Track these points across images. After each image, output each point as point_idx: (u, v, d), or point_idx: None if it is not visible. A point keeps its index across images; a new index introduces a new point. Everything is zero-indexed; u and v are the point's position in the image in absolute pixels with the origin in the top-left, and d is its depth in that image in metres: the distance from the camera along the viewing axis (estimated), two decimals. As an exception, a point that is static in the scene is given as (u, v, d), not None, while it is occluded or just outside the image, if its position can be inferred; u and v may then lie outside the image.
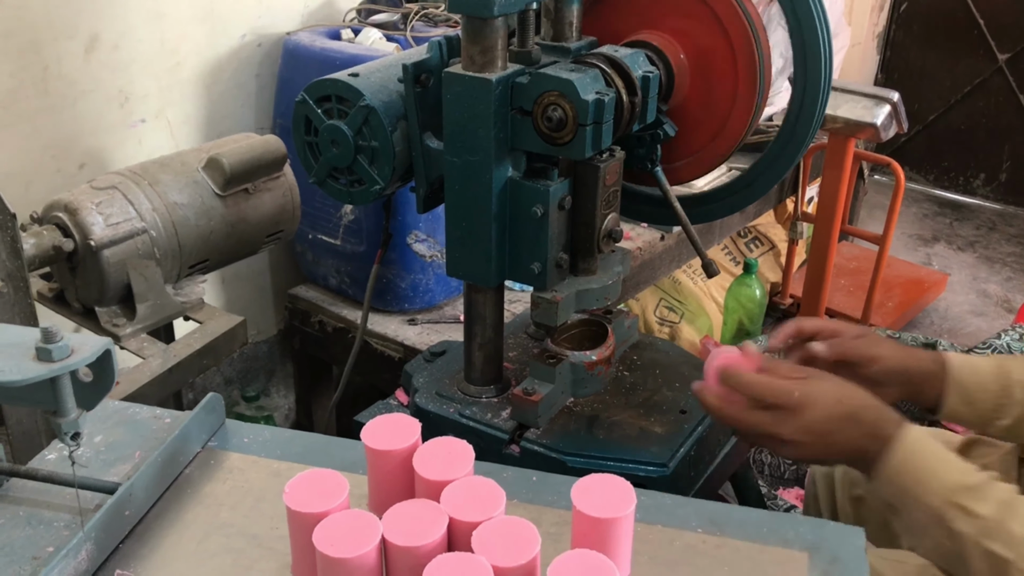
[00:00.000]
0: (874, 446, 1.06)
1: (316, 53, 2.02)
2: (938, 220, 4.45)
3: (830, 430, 1.07)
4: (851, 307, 3.21)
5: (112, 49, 1.89)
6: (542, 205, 1.23)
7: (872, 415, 1.08)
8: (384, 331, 2.10)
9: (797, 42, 1.31)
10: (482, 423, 1.36)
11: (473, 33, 1.18)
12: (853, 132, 2.76)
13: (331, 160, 1.31)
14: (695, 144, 1.40)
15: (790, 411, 1.07)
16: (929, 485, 1.03)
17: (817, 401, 1.07)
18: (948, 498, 1.02)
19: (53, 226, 1.48)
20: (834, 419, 1.07)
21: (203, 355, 1.51)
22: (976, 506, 1.01)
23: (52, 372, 0.63)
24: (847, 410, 1.07)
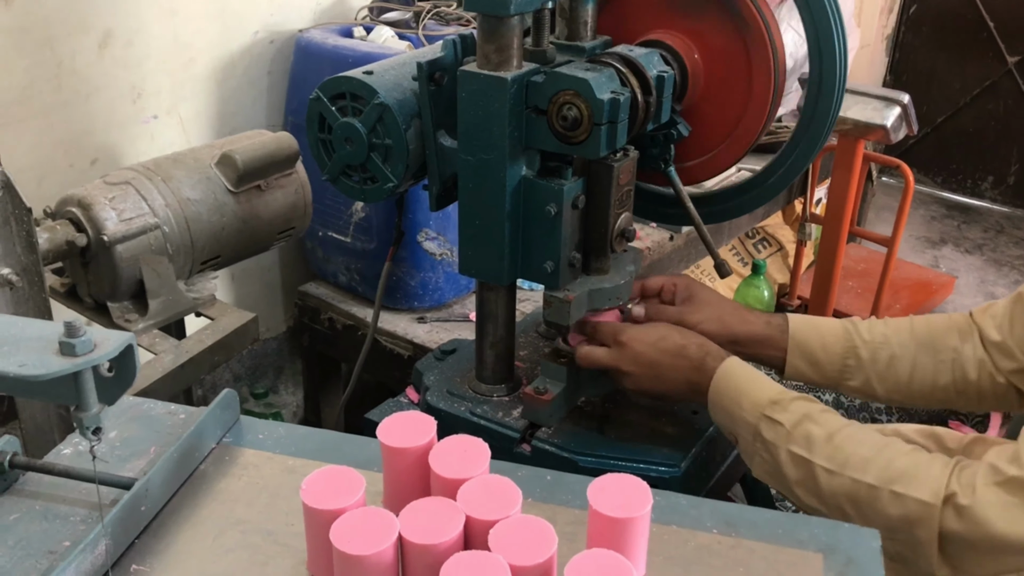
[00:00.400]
0: (703, 378, 1.24)
1: (328, 51, 2.02)
2: (946, 222, 4.44)
3: (657, 361, 1.27)
4: (859, 309, 3.20)
5: (125, 45, 1.90)
6: (555, 204, 1.23)
7: (697, 351, 1.26)
8: (393, 329, 2.10)
9: (812, 42, 1.31)
10: (493, 422, 1.36)
11: (489, 32, 1.18)
12: (863, 134, 2.76)
13: (344, 157, 1.31)
14: (708, 144, 1.40)
15: (621, 345, 1.28)
16: (743, 402, 1.20)
17: (641, 337, 1.28)
18: (758, 412, 1.19)
19: (66, 221, 1.48)
20: (660, 352, 1.27)
21: (215, 351, 1.51)
22: (779, 415, 1.17)
23: (75, 367, 0.63)
24: (671, 346, 1.27)
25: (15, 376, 0.62)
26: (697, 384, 1.26)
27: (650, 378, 1.28)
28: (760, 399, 1.20)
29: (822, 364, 1.36)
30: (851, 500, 1.12)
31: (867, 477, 1.11)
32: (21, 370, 0.62)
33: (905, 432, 1.52)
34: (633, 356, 1.28)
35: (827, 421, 1.17)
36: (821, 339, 1.36)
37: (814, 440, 1.15)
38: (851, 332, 1.36)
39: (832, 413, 1.19)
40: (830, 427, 1.16)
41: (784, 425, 1.17)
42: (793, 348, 1.36)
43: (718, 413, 1.25)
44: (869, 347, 1.35)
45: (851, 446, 1.14)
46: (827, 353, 1.36)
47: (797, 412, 1.17)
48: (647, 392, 1.31)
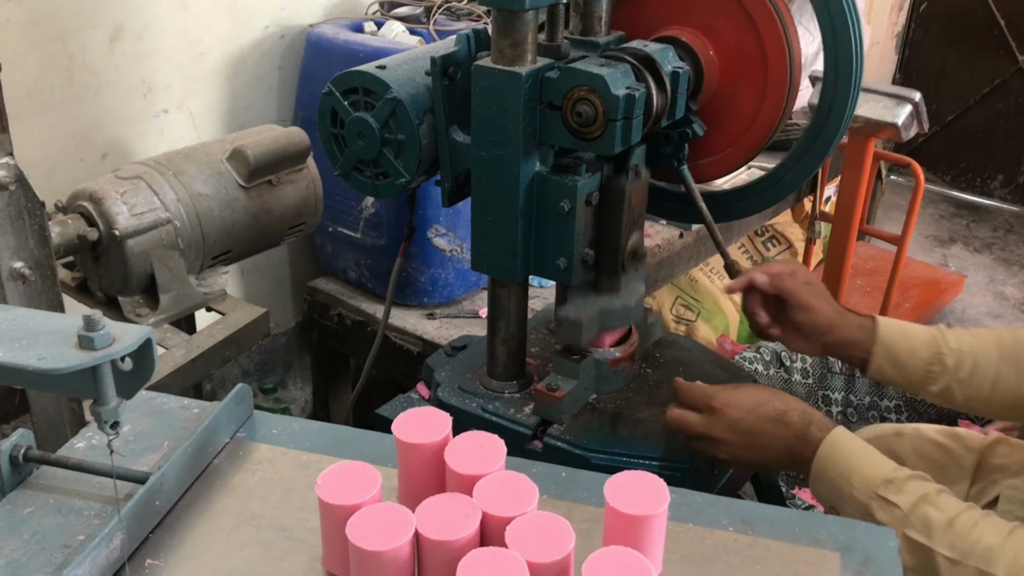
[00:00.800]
0: (804, 448, 1.17)
1: (339, 45, 2.01)
2: (955, 221, 4.43)
3: (755, 430, 1.19)
4: (868, 307, 3.19)
5: (136, 39, 1.89)
6: (569, 200, 1.23)
7: (798, 418, 1.19)
8: (403, 325, 2.10)
9: (828, 39, 1.30)
10: (505, 418, 1.35)
11: (504, 26, 1.17)
12: (874, 132, 2.75)
13: (357, 152, 1.31)
14: (722, 142, 1.39)
15: (715, 411, 1.20)
16: (853, 480, 1.13)
17: (738, 402, 1.20)
18: (871, 491, 1.11)
19: (78, 215, 1.48)
20: (758, 419, 1.19)
21: (225, 346, 1.51)
22: (895, 497, 1.10)
23: (95, 360, 0.63)
24: (771, 412, 1.19)
25: (34, 370, 0.62)
26: (800, 454, 1.18)
27: (746, 447, 1.20)
28: (873, 477, 1.13)
29: (907, 368, 1.35)
30: None
31: (995, 569, 1.04)
32: (40, 364, 0.62)
33: (925, 431, 1.52)
34: (729, 423, 1.20)
35: (946, 504, 1.10)
36: (908, 343, 1.34)
37: (933, 525, 1.08)
38: (938, 339, 1.35)
39: (948, 494, 1.12)
40: (950, 511, 1.09)
41: (900, 508, 1.10)
42: (880, 350, 1.34)
43: (821, 486, 1.18)
44: (955, 355, 1.34)
45: (975, 533, 1.07)
46: (913, 358, 1.34)
47: (914, 494, 1.10)
48: (743, 462, 1.23)
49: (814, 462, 1.16)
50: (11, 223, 1.19)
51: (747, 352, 2.41)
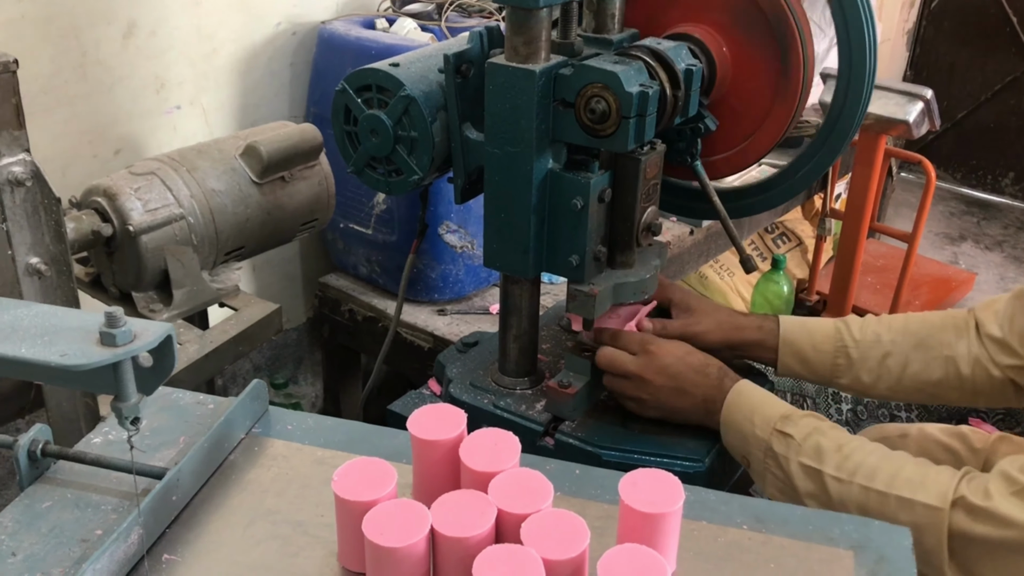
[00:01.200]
0: (717, 396, 1.28)
1: (351, 42, 2.02)
2: (965, 219, 4.41)
3: (682, 376, 1.29)
4: (878, 304, 3.19)
5: (149, 35, 1.90)
6: (582, 197, 1.23)
7: (717, 371, 1.30)
8: (414, 321, 2.11)
9: (842, 35, 1.30)
10: (516, 415, 1.36)
11: (518, 24, 1.18)
12: (885, 129, 2.74)
13: (370, 150, 1.31)
14: (735, 138, 1.40)
15: (651, 354, 1.30)
16: (755, 420, 1.23)
17: (671, 349, 1.31)
18: (770, 427, 1.22)
19: (92, 211, 1.49)
20: (685, 366, 1.29)
21: (238, 342, 1.52)
22: (791, 429, 1.20)
23: (116, 357, 0.63)
24: (696, 362, 1.30)
25: (57, 366, 0.62)
26: (712, 402, 1.28)
27: (670, 390, 1.29)
28: (771, 415, 1.23)
29: (812, 363, 1.41)
30: (860, 508, 1.13)
31: (875, 484, 1.13)
32: (63, 360, 0.62)
33: (931, 432, 1.51)
34: (661, 366, 1.29)
35: (836, 434, 1.20)
36: (811, 339, 1.41)
37: (824, 451, 1.17)
38: (842, 332, 1.41)
39: (840, 429, 1.21)
40: (839, 439, 1.19)
41: (795, 438, 1.20)
42: (784, 348, 1.41)
43: (730, 433, 1.27)
44: (860, 346, 1.39)
45: (860, 455, 1.16)
46: (817, 352, 1.40)
47: (807, 426, 1.20)
48: (662, 405, 1.31)
49: (723, 410, 1.27)
50: (27, 219, 1.20)
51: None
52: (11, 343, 0.63)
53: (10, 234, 1.18)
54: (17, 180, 1.16)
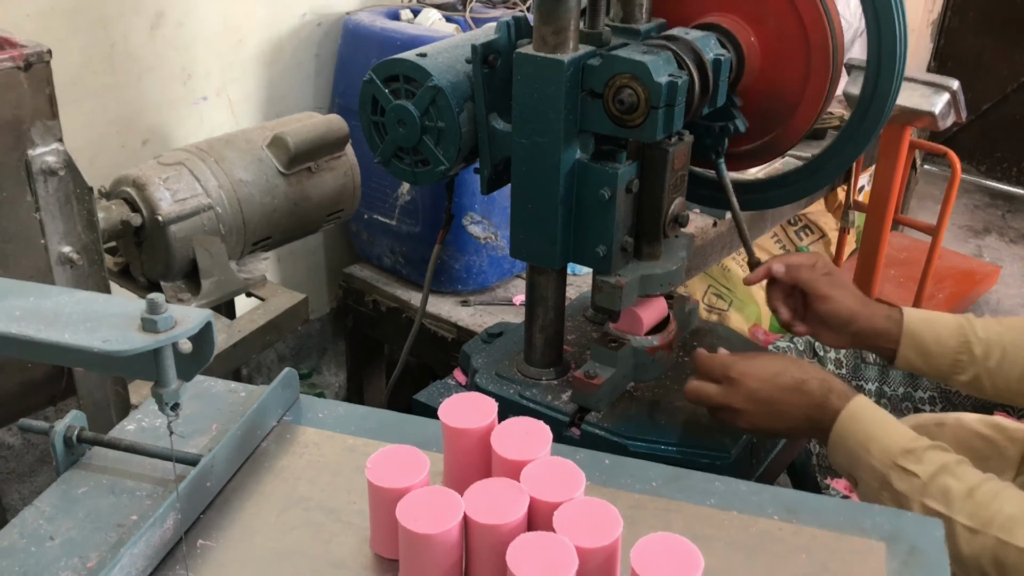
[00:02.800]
0: (824, 416, 1.17)
1: (376, 33, 2.02)
2: (990, 211, 4.37)
3: (774, 399, 1.19)
4: (901, 298, 3.16)
5: (176, 26, 1.91)
6: (609, 188, 1.23)
7: (818, 387, 1.19)
8: (437, 311, 2.11)
9: (872, 25, 1.29)
10: (543, 405, 1.36)
11: (547, 13, 1.18)
12: (910, 120, 2.71)
13: (397, 140, 1.31)
14: (763, 130, 1.39)
15: (733, 382, 1.21)
16: (872, 449, 1.13)
17: (756, 372, 1.21)
18: (890, 460, 1.11)
19: (121, 200, 1.50)
20: (777, 389, 1.19)
21: (266, 331, 1.53)
22: (914, 467, 1.09)
23: (158, 343, 0.64)
24: (789, 381, 1.19)
25: (99, 351, 0.63)
26: (819, 422, 1.18)
27: (766, 415, 1.20)
28: (891, 447, 1.12)
29: (934, 357, 1.34)
30: (995, 563, 1.03)
31: (1016, 539, 1.02)
32: (105, 346, 0.63)
33: (967, 421, 1.51)
34: (747, 393, 1.20)
35: (965, 474, 1.09)
36: (935, 333, 1.34)
37: (953, 495, 1.06)
38: (965, 328, 1.35)
39: (968, 465, 1.11)
40: (970, 481, 1.08)
41: (919, 477, 1.09)
42: (907, 340, 1.34)
43: (839, 455, 1.18)
44: (982, 344, 1.33)
45: (996, 503, 1.05)
46: (940, 347, 1.34)
47: (933, 463, 1.09)
48: (763, 431, 1.24)
49: (833, 430, 1.16)
50: (60, 208, 1.21)
51: (780, 342, 2.40)
52: (54, 329, 0.64)
53: (43, 223, 1.19)
54: (51, 169, 1.17)
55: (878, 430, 1.14)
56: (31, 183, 1.16)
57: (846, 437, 1.15)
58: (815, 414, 1.18)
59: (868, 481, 1.14)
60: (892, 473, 1.10)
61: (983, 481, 1.08)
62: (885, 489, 1.11)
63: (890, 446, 1.12)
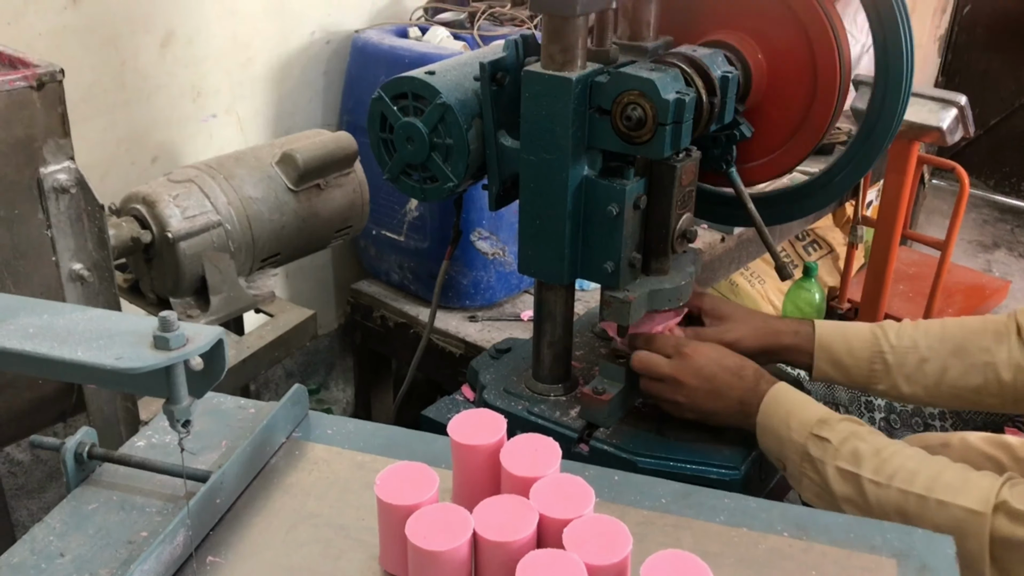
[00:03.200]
0: (753, 399, 1.26)
1: (384, 51, 2.03)
2: (999, 226, 4.36)
3: (717, 378, 1.28)
4: (910, 312, 3.15)
5: (186, 44, 1.93)
6: (617, 204, 1.23)
7: (753, 374, 1.29)
8: (445, 327, 2.11)
9: (879, 41, 1.29)
10: (551, 421, 1.36)
11: (554, 32, 1.18)
12: (917, 135, 2.72)
13: (406, 157, 1.32)
14: (771, 145, 1.39)
15: (684, 356, 1.29)
16: (791, 424, 1.22)
17: (705, 351, 1.30)
18: (807, 431, 1.20)
19: (131, 218, 1.51)
20: (720, 368, 1.28)
21: (274, 347, 1.53)
22: (827, 433, 1.19)
23: (169, 360, 0.64)
24: (731, 364, 1.29)
25: (111, 369, 0.63)
26: (748, 405, 1.27)
27: (706, 392, 1.28)
28: (808, 419, 1.21)
29: (848, 368, 1.39)
30: (899, 512, 1.12)
31: (914, 488, 1.12)
32: (118, 363, 0.63)
33: (972, 441, 1.50)
34: (695, 369, 1.28)
35: (874, 439, 1.18)
36: (847, 344, 1.39)
37: (861, 455, 1.16)
38: (879, 337, 1.39)
39: (878, 433, 1.20)
40: (877, 443, 1.17)
41: (831, 442, 1.18)
42: (820, 353, 1.39)
43: (766, 436, 1.26)
44: (896, 352, 1.37)
45: (898, 459, 1.15)
46: (854, 358, 1.38)
47: (844, 430, 1.19)
48: (697, 407, 1.30)
49: (759, 413, 1.26)
50: (71, 225, 1.22)
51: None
52: (68, 346, 0.65)
53: (54, 240, 1.20)
54: (62, 187, 1.18)
55: (797, 407, 1.24)
56: (43, 201, 1.16)
57: (770, 416, 1.25)
58: (746, 397, 1.27)
59: (791, 456, 1.22)
60: (809, 443, 1.19)
61: (890, 443, 1.18)
62: (805, 460, 1.20)
63: (806, 419, 1.21)
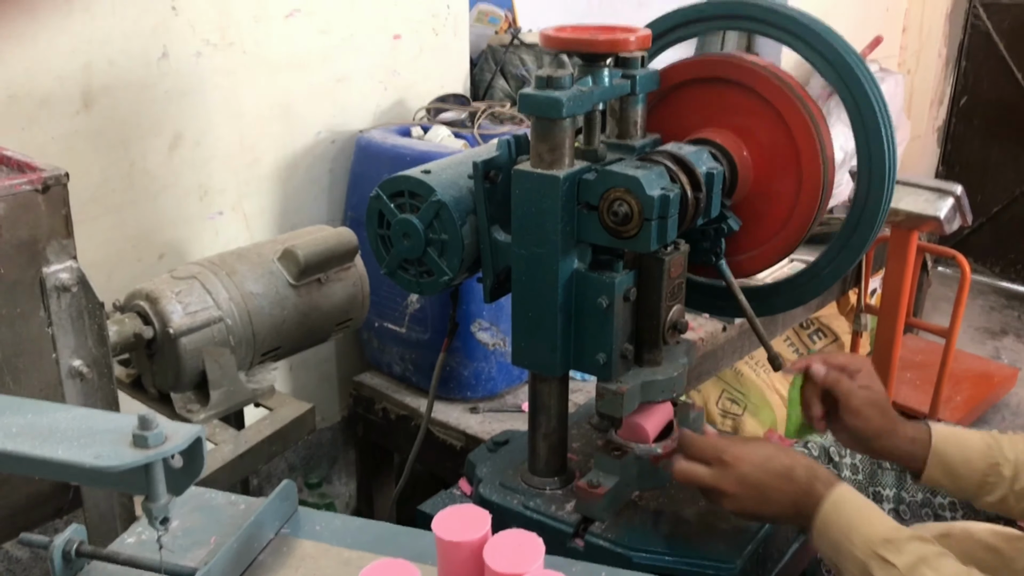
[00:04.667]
0: (808, 502, 1.19)
1: (387, 149, 2.09)
2: (1006, 313, 4.36)
3: (763, 483, 1.21)
4: (918, 401, 3.14)
5: (194, 146, 1.99)
6: (607, 297, 1.25)
7: (804, 473, 1.21)
8: (446, 419, 2.12)
9: (860, 137, 1.33)
10: (546, 515, 1.36)
11: (542, 133, 1.22)
12: (916, 225, 2.75)
13: (402, 252, 1.35)
14: (760, 237, 1.42)
15: (725, 465, 1.23)
16: (853, 538, 1.15)
17: (748, 457, 1.23)
18: (870, 549, 1.12)
19: (134, 314, 1.54)
20: (766, 474, 1.21)
21: (272, 441, 1.54)
22: (893, 557, 1.10)
23: (148, 459, 0.66)
24: (778, 467, 1.21)
25: (91, 467, 0.65)
26: (804, 508, 1.20)
27: (754, 500, 1.22)
28: (872, 536, 1.14)
29: (962, 478, 1.34)
30: None
31: None
32: (97, 461, 0.65)
33: (976, 532, 1.48)
34: (738, 477, 1.22)
35: (945, 567, 1.11)
36: (963, 454, 1.34)
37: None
38: (994, 449, 1.34)
39: (949, 557, 1.13)
40: (947, 573, 1.10)
41: (898, 568, 1.10)
42: (934, 460, 1.34)
43: (823, 543, 1.20)
44: (1011, 464, 1.33)
45: None
46: (968, 468, 1.34)
47: (913, 554, 1.11)
48: (749, 515, 1.26)
49: (816, 518, 1.19)
50: (72, 323, 1.24)
51: (795, 447, 2.38)
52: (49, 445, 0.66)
53: (55, 338, 1.23)
54: (64, 286, 1.21)
55: (860, 519, 1.16)
56: (44, 299, 1.19)
57: (829, 525, 1.18)
58: (801, 500, 1.20)
59: (851, 570, 1.15)
60: (872, 563, 1.12)
61: (961, 573, 1.10)
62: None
63: (871, 535, 1.14)
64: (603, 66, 1.27)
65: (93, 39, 1.78)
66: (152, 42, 1.87)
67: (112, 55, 1.81)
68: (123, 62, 1.83)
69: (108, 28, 1.80)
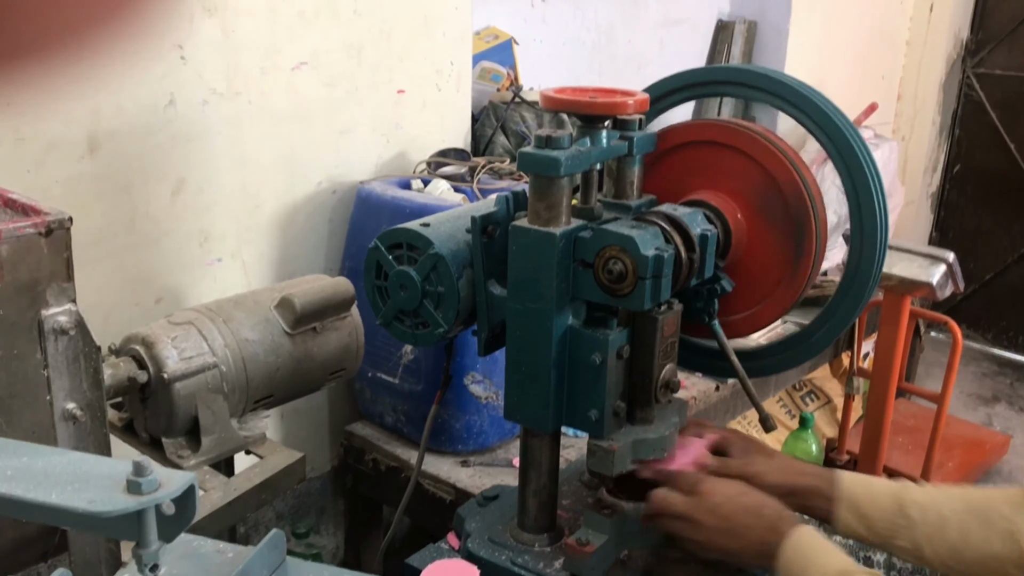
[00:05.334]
0: (773, 540, 1.23)
1: (387, 201, 2.12)
2: (998, 380, 4.37)
3: (734, 517, 1.26)
4: (910, 465, 3.13)
5: (196, 192, 2.01)
6: (601, 353, 1.26)
7: (772, 512, 1.26)
8: (437, 472, 2.11)
9: (853, 202, 1.36)
10: (534, 572, 1.35)
11: (540, 190, 1.25)
12: (908, 290, 2.78)
13: (399, 303, 1.36)
14: (753, 299, 1.43)
15: (700, 495, 1.28)
16: (810, 570, 1.19)
17: (722, 489, 1.29)
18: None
19: (129, 358, 1.54)
20: (738, 507, 1.26)
21: (262, 490, 1.53)
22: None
23: (140, 505, 0.66)
24: (750, 503, 1.27)
25: (83, 512, 0.65)
26: (768, 545, 1.24)
27: (723, 532, 1.26)
28: (828, 567, 1.18)
29: (872, 519, 1.34)
30: None
31: None
32: (90, 506, 0.65)
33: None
34: (711, 507, 1.27)
35: None
36: (871, 494, 1.35)
37: None
38: (902, 491, 1.35)
39: None
40: None
41: None
42: (843, 501, 1.35)
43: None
44: (919, 507, 1.33)
45: None
46: (877, 508, 1.34)
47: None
48: (715, 547, 1.28)
49: (780, 554, 1.22)
50: (68, 366, 1.25)
51: (785, 509, 2.37)
52: (43, 488, 0.67)
53: (50, 380, 1.23)
54: (62, 329, 1.21)
55: (816, 554, 1.21)
56: (42, 341, 1.20)
57: (791, 563, 1.22)
58: (767, 537, 1.24)
59: None
60: None
61: None
62: None
63: (826, 567, 1.18)
64: (601, 127, 1.30)
65: (102, 85, 1.81)
66: (160, 89, 1.90)
67: (121, 101, 1.85)
68: (131, 108, 1.86)
69: (118, 75, 1.83)
